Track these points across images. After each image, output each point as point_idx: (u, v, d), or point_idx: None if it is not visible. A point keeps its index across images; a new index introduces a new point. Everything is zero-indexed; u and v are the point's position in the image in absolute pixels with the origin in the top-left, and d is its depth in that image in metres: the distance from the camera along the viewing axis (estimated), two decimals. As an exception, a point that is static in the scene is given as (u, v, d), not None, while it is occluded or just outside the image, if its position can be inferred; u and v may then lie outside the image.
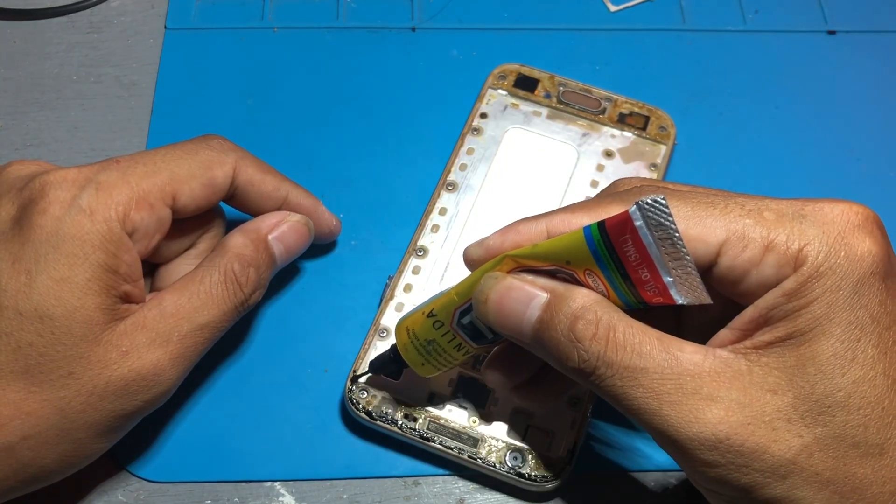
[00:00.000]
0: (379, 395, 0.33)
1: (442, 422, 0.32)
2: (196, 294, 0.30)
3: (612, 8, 0.46)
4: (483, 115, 0.40)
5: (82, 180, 0.28)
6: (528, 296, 0.27)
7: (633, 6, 0.46)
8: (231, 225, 0.34)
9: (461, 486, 0.33)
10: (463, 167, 0.38)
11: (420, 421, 0.32)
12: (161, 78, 0.43)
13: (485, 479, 0.33)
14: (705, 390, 0.25)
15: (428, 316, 0.30)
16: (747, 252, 0.25)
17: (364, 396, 0.33)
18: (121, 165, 0.29)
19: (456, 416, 0.33)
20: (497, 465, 0.32)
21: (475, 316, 0.28)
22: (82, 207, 0.28)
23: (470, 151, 0.39)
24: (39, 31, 0.44)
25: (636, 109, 0.40)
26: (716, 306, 0.26)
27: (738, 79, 0.44)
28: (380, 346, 0.34)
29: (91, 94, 0.42)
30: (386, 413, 0.32)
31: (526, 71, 0.41)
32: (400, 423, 0.32)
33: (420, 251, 0.36)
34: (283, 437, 0.34)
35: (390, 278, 0.35)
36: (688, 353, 0.25)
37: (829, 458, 0.24)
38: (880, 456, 0.24)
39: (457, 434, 0.32)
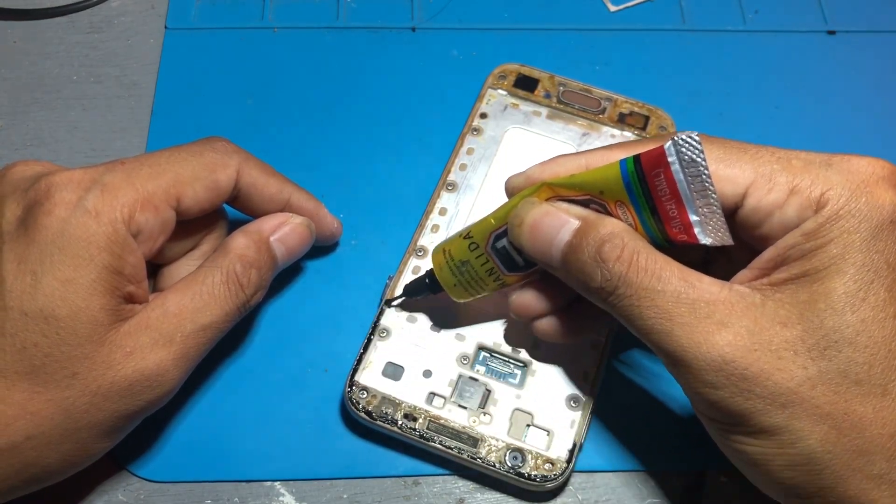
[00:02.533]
0: (379, 395, 0.33)
1: (442, 422, 0.32)
2: (199, 294, 0.30)
3: (612, 8, 0.46)
4: (483, 115, 0.40)
5: (88, 182, 0.29)
6: (562, 221, 0.28)
7: (633, 6, 0.46)
8: (234, 226, 0.34)
9: (461, 485, 0.33)
10: (463, 167, 0.38)
11: (420, 421, 0.32)
12: (161, 78, 0.43)
13: (485, 478, 0.33)
14: (717, 316, 0.26)
15: (464, 238, 0.31)
16: (772, 194, 0.26)
17: (364, 396, 0.33)
18: (126, 167, 0.30)
19: (456, 415, 0.33)
20: (497, 465, 0.32)
21: (509, 240, 0.30)
22: (88, 209, 0.28)
23: (470, 151, 0.39)
24: (40, 31, 0.44)
25: (636, 109, 0.40)
26: (740, 256, 0.28)
27: (738, 79, 0.44)
28: (380, 346, 0.34)
29: (91, 94, 0.43)
30: (386, 413, 0.32)
31: (526, 71, 0.41)
32: (400, 423, 0.32)
33: (420, 251, 0.36)
34: (283, 437, 0.34)
35: (390, 278, 0.35)
36: (705, 284, 0.26)
37: (830, 392, 0.25)
38: (882, 397, 0.25)
39: (457, 434, 0.32)
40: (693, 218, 0.26)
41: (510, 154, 0.39)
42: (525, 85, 0.41)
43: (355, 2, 0.46)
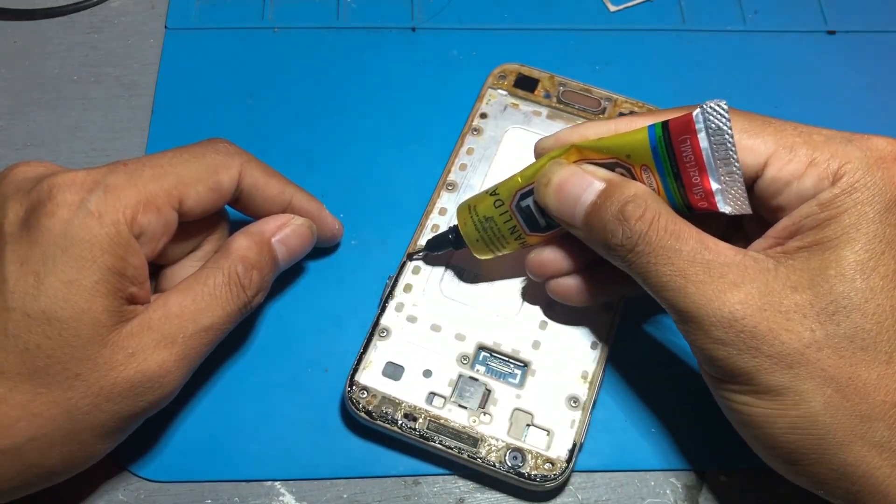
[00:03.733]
0: (379, 394, 0.33)
1: (442, 421, 0.32)
2: (200, 296, 0.30)
3: (612, 8, 0.46)
4: (483, 115, 0.40)
5: (90, 183, 0.29)
6: (587, 182, 0.29)
7: (633, 6, 0.46)
8: (235, 227, 0.34)
9: (461, 485, 0.33)
10: (463, 167, 0.38)
11: (420, 420, 0.32)
12: (161, 78, 0.43)
13: (485, 478, 0.33)
14: (730, 277, 0.26)
15: (491, 194, 0.32)
16: (792, 165, 0.27)
17: (364, 396, 0.33)
18: (128, 168, 0.30)
19: (456, 415, 0.33)
20: (497, 465, 0.32)
21: (534, 199, 0.31)
22: (90, 210, 0.28)
23: (470, 151, 0.39)
24: (40, 31, 0.44)
25: (636, 109, 0.40)
26: (756, 235, 0.29)
27: (738, 79, 0.44)
28: (380, 346, 0.34)
29: (91, 94, 0.43)
30: (386, 413, 0.32)
31: (526, 71, 0.41)
32: (400, 422, 0.32)
33: (416, 256, 0.36)
34: (283, 437, 0.34)
35: (390, 278, 0.35)
36: (721, 248, 0.27)
37: (836, 356, 0.25)
38: (887, 364, 0.25)
39: (457, 434, 0.32)
40: (715, 186, 0.27)
41: (510, 154, 0.39)
42: (525, 85, 0.41)
43: (355, 2, 0.46)
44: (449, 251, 0.35)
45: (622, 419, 0.34)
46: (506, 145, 0.39)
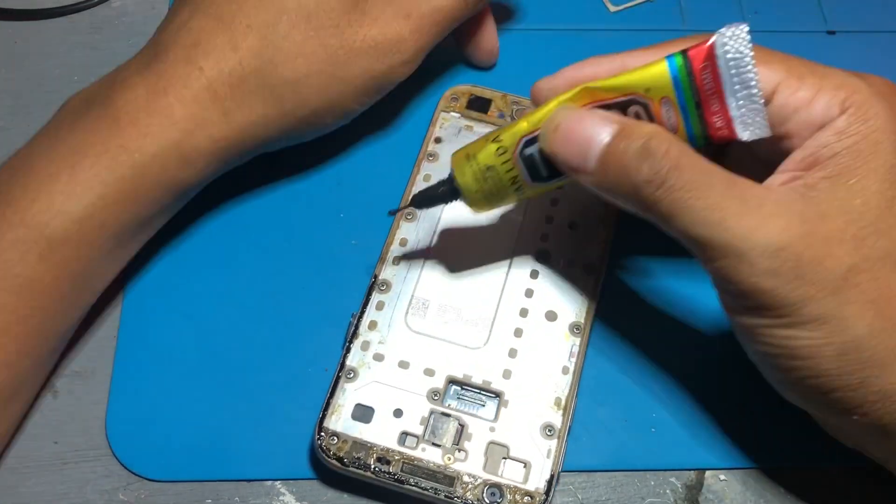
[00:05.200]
0: (350, 439, 0.32)
1: (416, 462, 0.31)
2: None
3: (612, 8, 0.46)
4: (437, 140, 0.39)
5: None
6: (601, 123, 0.28)
7: (633, 6, 0.46)
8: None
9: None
10: None
11: (393, 463, 0.31)
12: (162, 78, 0.43)
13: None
14: (767, 208, 0.26)
15: (493, 141, 0.30)
16: (801, 92, 0.28)
17: (335, 443, 0.32)
18: None
19: (430, 454, 0.31)
20: (475, 503, 0.31)
21: (539, 146, 0.29)
22: None
23: (427, 178, 0.38)
24: (40, 31, 0.44)
25: None
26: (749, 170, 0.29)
27: (738, 79, 0.44)
28: (348, 389, 0.33)
29: (92, 95, 0.42)
30: (358, 458, 0.31)
31: (478, 91, 0.40)
32: (373, 467, 0.31)
33: (383, 286, 0.35)
34: (284, 437, 0.34)
35: (354, 316, 0.35)
36: (749, 183, 0.27)
37: (874, 278, 0.26)
38: None
39: (432, 474, 0.31)
40: (734, 112, 0.28)
41: None
42: (478, 106, 0.39)
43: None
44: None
45: (622, 419, 0.34)
46: None
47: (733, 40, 0.27)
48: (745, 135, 0.28)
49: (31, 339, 0.31)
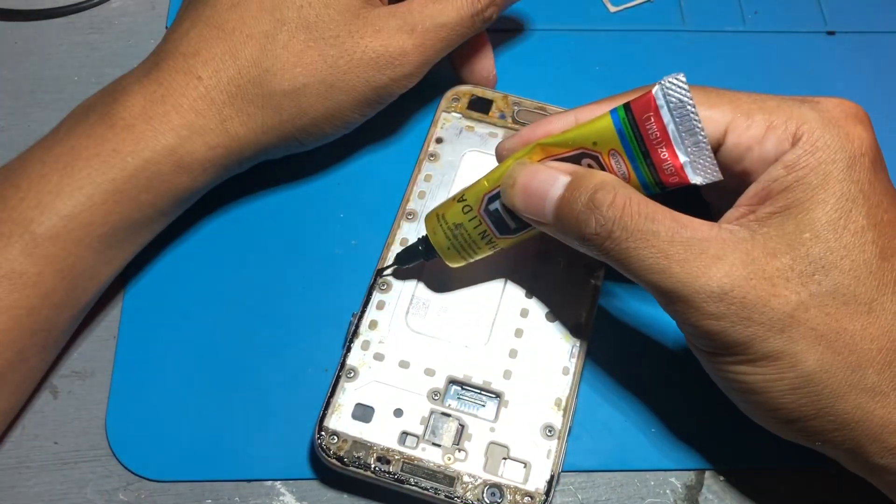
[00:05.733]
0: (350, 438, 0.32)
1: (416, 462, 0.31)
2: None
3: (612, 8, 0.46)
4: (439, 140, 0.39)
5: None
6: (553, 177, 0.29)
7: (633, 6, 0.46)
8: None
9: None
10: (422, 195, 0.37)
11: (393, 463, 0.31)
12: (162, 78, 0.43)
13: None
14: (711, 251, 0.27)
15: (458, 201, 0.32)
16: (751, 130, 0.28)
17: (335, 442, 0.32)
18: None
19: (430, 454, 0.32)
20: (475, 503, 0.31)
21: (501, 202, 0.31)
22: None
23: (428, 178, 0.38)
24: (40, 31, 0.44)
25: None
26: (723, 205, 0.29)
27: (738, 79, 0.44)
28: (348, 388, 0.33)
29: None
30: (358, 458, 0.32)
31: (479, 92, 0.40)
32: (373, 466, 0.31)
33: (383, 285, 0.35)
34: (284, 437, 0.34)
35: (354, 315, 0.35)
36: (696, 224, 0.28)
37: (822, 314, 0.26)
38: (868, 314, 0.27)
39: (432, 474, 0.31)
40: (683, 159, 0.28)
41: (469, 178, 0.37)
42: (479, 107, 0.40)
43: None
44: (420, 263, 0.34)
45: (622, 419, 0.34)
46: (464, 169, 0.38)
47: (672, 89, 0.27)
48: (696, 180, 0.28)
49: (11, 332, 0.31)
